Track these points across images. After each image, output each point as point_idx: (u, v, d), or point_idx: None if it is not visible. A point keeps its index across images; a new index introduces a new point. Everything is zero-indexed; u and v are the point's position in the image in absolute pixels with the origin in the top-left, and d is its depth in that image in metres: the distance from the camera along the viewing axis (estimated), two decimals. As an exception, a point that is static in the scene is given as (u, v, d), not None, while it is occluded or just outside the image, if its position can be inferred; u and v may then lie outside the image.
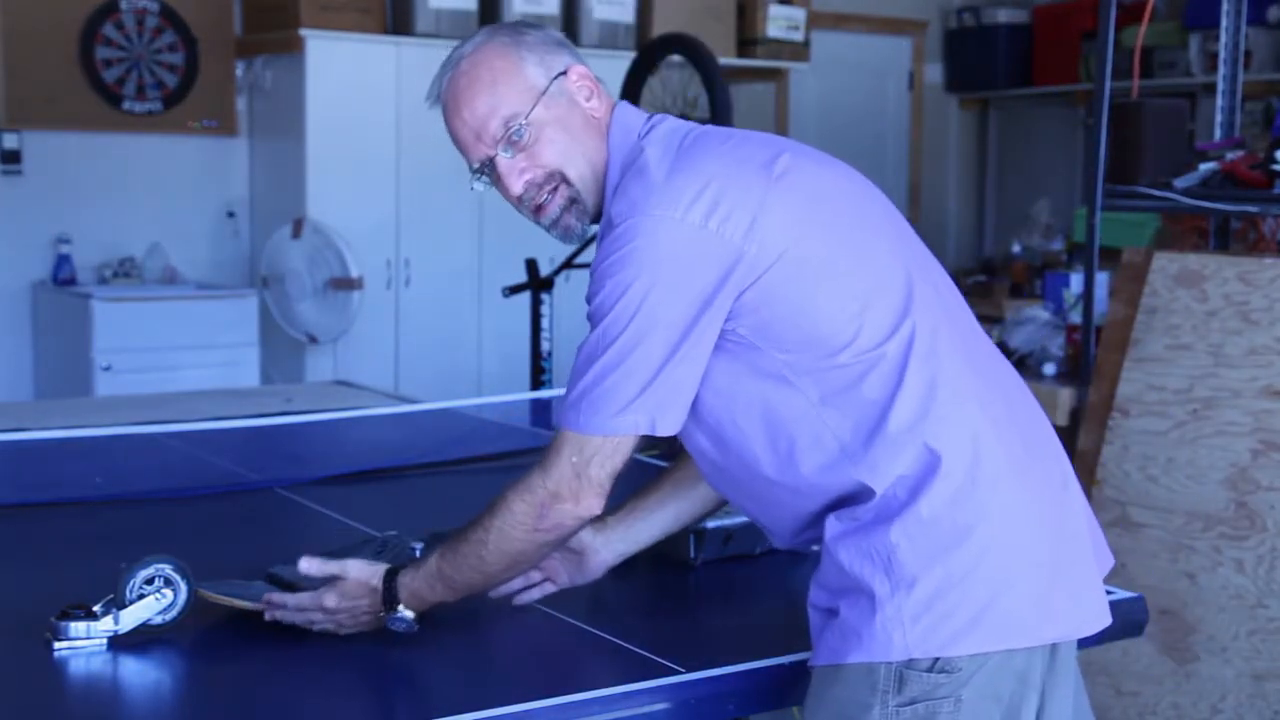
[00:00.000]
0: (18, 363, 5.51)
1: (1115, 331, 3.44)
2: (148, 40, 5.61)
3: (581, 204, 1.68)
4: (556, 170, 1.67)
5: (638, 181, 1.58)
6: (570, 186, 1.67)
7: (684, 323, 1.55)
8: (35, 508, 2.41)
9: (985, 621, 1.53)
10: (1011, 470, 1.59)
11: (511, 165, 1.68)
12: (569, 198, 1.67)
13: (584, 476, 1.60)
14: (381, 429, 3.18)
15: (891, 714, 1.54)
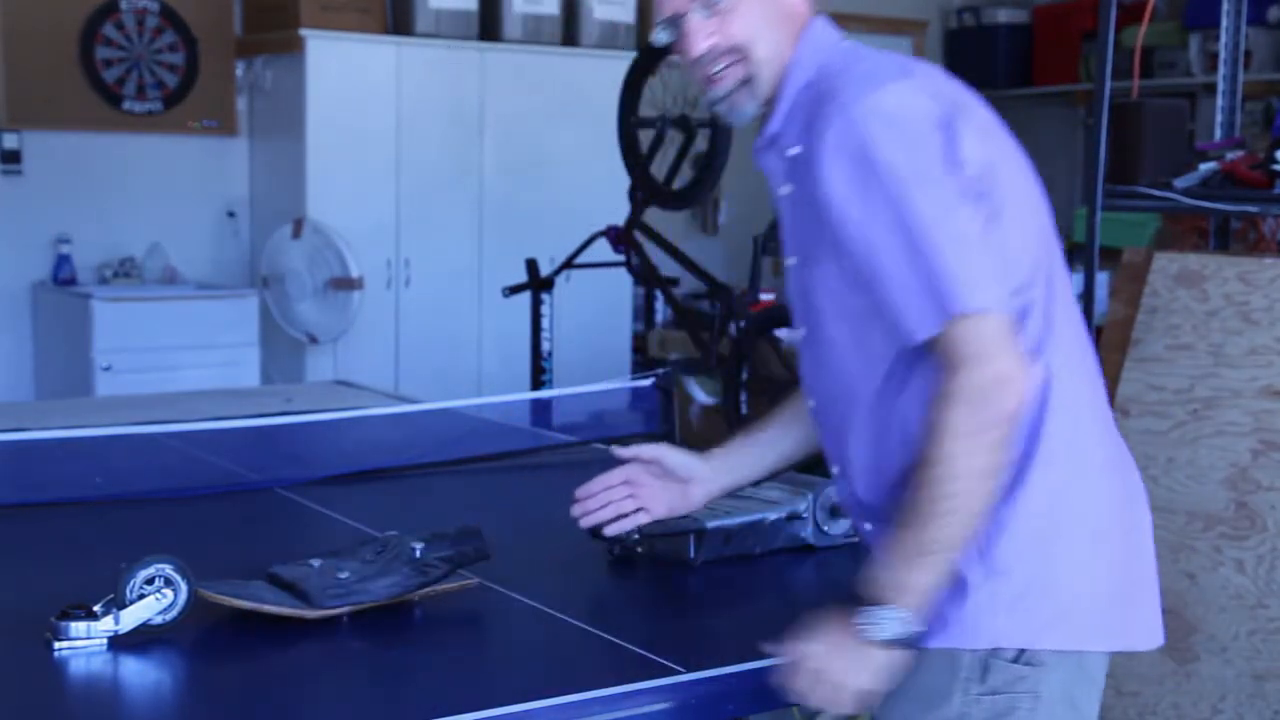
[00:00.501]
0: (18, 363, 5.51)
1: (1115, 331, 3.44)
2: (148, 40, 5.61)
3: (755, 86, 1.61)
4: (743, 45, 1.61)
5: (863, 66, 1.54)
6: (750, 65, 1.61)
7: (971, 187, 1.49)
8: (35, 508, 2.41)
9: (1072, 619, 1.54)
10: (1106, 471, 1.60)
11: (701, 26, 1.62)
12: (745, 76, 1.61)
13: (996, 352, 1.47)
14: (381, 429, 3.18)
15: (972, 702, 1.53)
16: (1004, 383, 1.46)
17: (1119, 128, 3.59)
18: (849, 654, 1.49)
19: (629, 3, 6.07)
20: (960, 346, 1.46)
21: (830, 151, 1.49)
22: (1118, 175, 3.59)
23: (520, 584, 1.95)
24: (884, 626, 1.48)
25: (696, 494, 1.89)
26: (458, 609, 1.85)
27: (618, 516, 1.86)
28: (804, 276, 1.61)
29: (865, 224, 1.48)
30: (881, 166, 1.47)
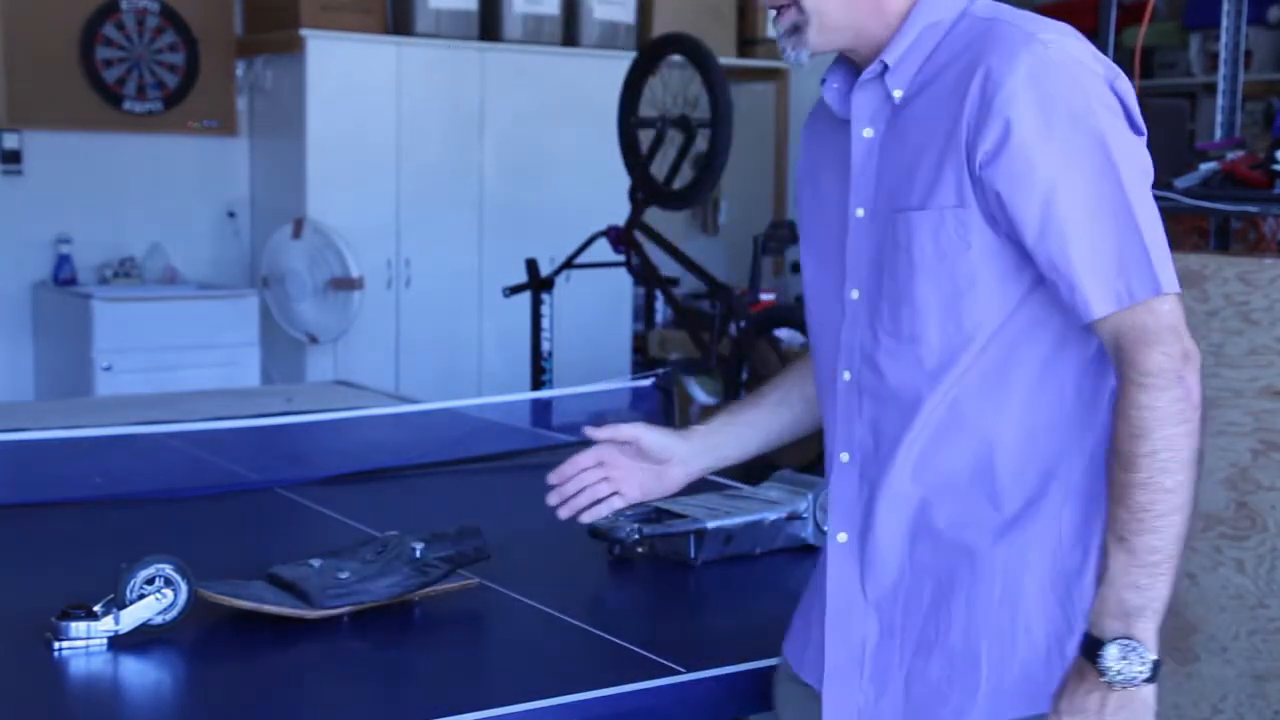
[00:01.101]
0: (18, 363, 5.51)
1: (1115, 331, 3.44)
2: (148, 40, 5.61)
3: (804, 36, 1.48)
4: None
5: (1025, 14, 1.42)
6: (802, 13, 1.47)
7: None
8: (36, 508, 2.41)
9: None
10: None
11: None
12: (794, 24, 1.48)
13: (1183, 332, 1.36)
14: (382, 429, 3.18)
15: None
16: (1195, 361, 1.34)
17: (1119, 128, 3.59)
18: (1106, 713, 1.32)
19: (629, 3, 6.07)
20: (1154, 324, 1.33)
21: (1024, 91, 1.34)
22: (1118, 175, 3.58)
23: (520, 584, 1.95)
24: (1133, 662, 1.31)
25: (675, 475, 1.77)
26: (458, 609, 1.85)
27: (594, 501, 1.77)
28: (883, 229, 1.45)
29: (1059, 183, 1.34)
30: (1088, 124, 1.35)
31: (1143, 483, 1.32)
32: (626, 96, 4.65)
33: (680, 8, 6.20)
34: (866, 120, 1.48)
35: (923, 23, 1.45)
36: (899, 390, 1.44)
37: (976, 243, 1.39)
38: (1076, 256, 1.34)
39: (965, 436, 1.43)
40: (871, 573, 1.47)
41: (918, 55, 1.45)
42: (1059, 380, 1.42)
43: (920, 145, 1.42)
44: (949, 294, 1.40)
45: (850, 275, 1.49)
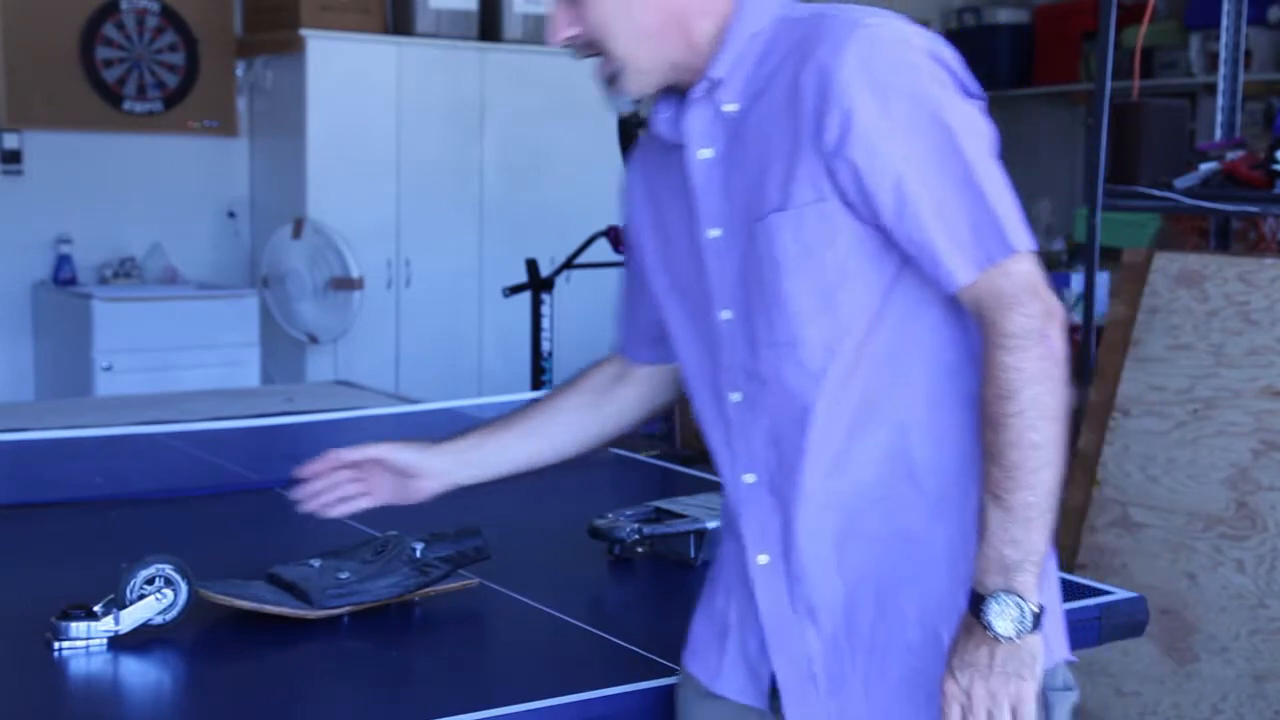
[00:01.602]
0: (18, 363, 5.51)
1: (1116, 331, 3.44)
2: (148, 40, 5.61)
3: (622, 82, 1.48)
4: (599, 40, 1.47)
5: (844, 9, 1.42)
6: (612, 63, 1.48)
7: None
8: (36, 507, 2.41)
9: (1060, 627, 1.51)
10: None
11: (560, 16, 1.49)
12: (610, 74, 1.48)
13: (1043, 290, 1.37)
14: (382, 429, 3.18)
15: None
16: (1057, 316, 1.36)
17: (1119, 128, 3.60)
18: (995, 666, 1.34)
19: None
20: (1010, 286, 1.36)
21: (857, 78, 1.36)
22: (1118, 175, 3.59)
23: (520, 584, 1.95)
24: (1013, 614, 1.33)
25: (427, 487, 1.76)
26: (458, 609, 1.85)
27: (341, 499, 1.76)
28: (744, 242, 1.44)
29: (905, 161, 1.36)
30: (923, 100, 1.37)
31: (1013, 441, 1.34)
32: (626, 96, 4.65)
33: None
34: (703, 140, 1.47)
35: (743, 34, 1.45)
36: (793, 397, 1.43)
37: (841, 233, 1.40)
38: (932, 231, 1.36)
39: (874, 426, 1.43)
40: (801, 587, 1.45)
41: (744, 66, 1.45)
42: (954, 350, 1.43)
43: (766, 151, 1.42)
44: (821, 289, 1.41)
45: (717, 297, 1.48)
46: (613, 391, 1.75)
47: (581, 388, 1.76)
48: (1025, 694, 1.33)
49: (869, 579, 1.44)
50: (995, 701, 1.33)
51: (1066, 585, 2.08)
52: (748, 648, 1.51)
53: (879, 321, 1.42)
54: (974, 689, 1.33)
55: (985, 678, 1.33)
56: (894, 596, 1.43)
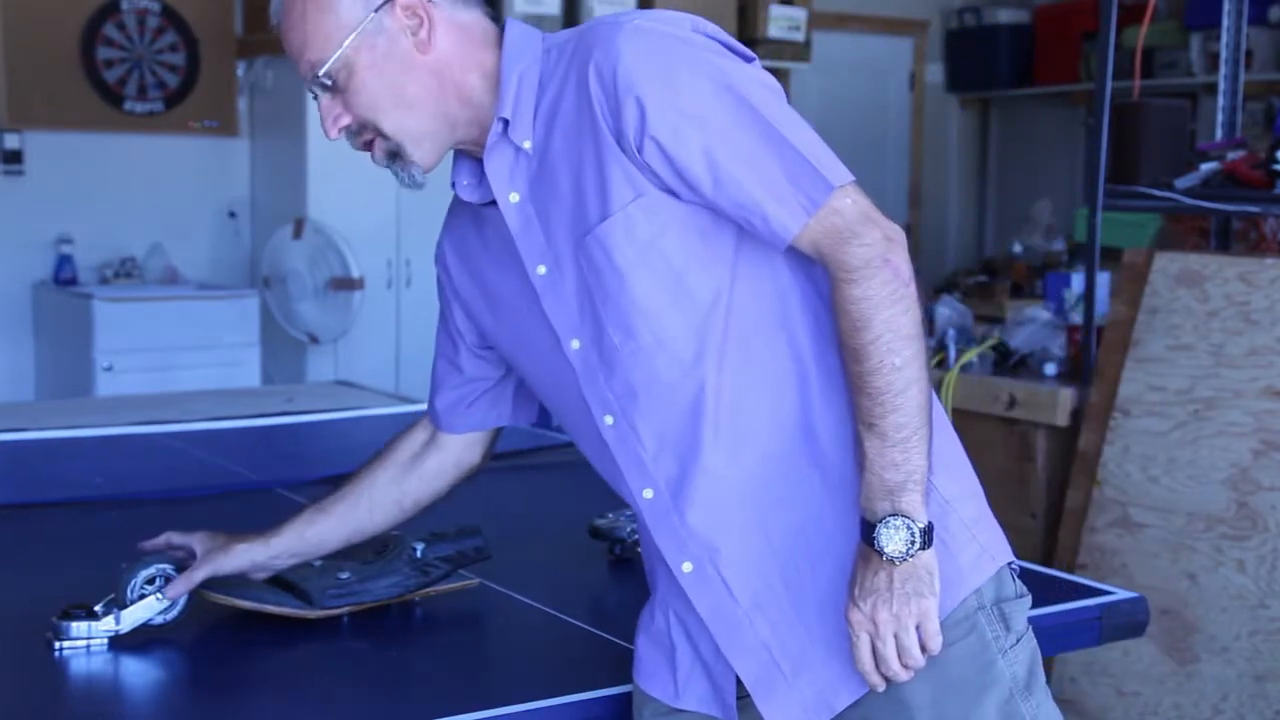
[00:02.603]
0: (19, 363, 5.51)
1: (1116, 332, 3.44)
2: (149, 40, 5.61)
3: (406, 157, 1.50)
4: (370, 121, 1.49)
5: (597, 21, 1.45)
6: (387, 140, 1.49)
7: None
8: (36, 507, 2.41)
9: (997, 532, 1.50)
10: None
11: (328, 108, 1.51)
12: (388, 151, 1.51)
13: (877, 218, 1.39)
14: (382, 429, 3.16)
15: (1012, 659, 1.44)
16: (897, 240, 1.39)
17: (1120, 128, 3.60)
18: (895, 588, 1.36)
19: (630, 3, 6.07)
20: (842, 221, 1.37)
21: (638, 67, 1.38)
22: (1119, 175, 3.59)
23: (521, 584, 1.95)
24: (902, 534, 1.35)
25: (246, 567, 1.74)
26: (458, 609, 1.85)
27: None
28: (575, 266, 1.45)
29: (707, 132, 1.37)
30: (705, 70, 1.39)
31: (875, 369, 1.36)
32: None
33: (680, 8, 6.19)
34: (510, 186, 1.48)
35: (514, 74, 1.47)
36: (674, 394, 1.43)
37: (669, 220, 1.41)
38: (752, 190, 1.38)
39: (763, 395, 1.43)
40: (739, 581, 1.45)
41: (527, 100, 1.46)
42: (825, 307, 1.44)
43: (574, 173, 1.43)
44: (670, 280, 1.42)
45: (562, 330, 1.48)
46: (422, 460, 1.75)
47: (390, 462, 1.76)
48: (929, 610, 1.36)
49: (799, 545, 1.44)
50: (900, 623, 1.36)
51: (1067, 585, 2.09)
52: (702, 656, 1.50)
53: (734, 292, 1.43)
54: (878, 614, 1.36)
55: (887, 602, 1.36)
56: (827, 553, 1.43)
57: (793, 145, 1.38)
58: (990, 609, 1.44)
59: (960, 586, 1.43)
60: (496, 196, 1.49)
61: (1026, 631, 1.47)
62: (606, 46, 1.40)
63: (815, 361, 1.44)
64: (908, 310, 1.37)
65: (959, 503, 1.45)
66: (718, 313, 1.42)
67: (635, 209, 1.40)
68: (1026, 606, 1.49)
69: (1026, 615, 1.48)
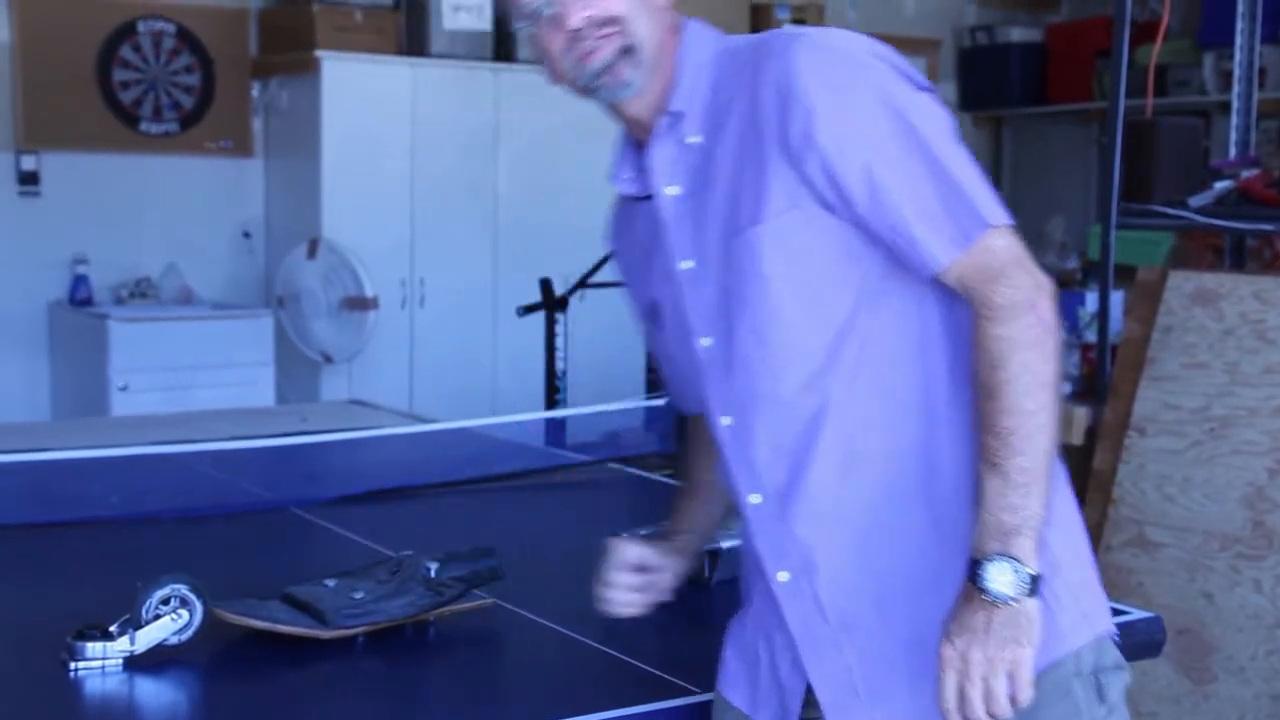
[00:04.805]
0: (35, 383, 5.52)
1: (1131, 350, 3.43)
2: (164, 62, 5.64)
3: (637, 56, 1.49)
4: (621, 17, 1.49)
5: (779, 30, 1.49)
6: (628, 36, 1.49)
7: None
8: (52, 527, 2.41)
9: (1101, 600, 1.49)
10: None
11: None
12: (624, 46, 1.49)
13: (1028, 264, 1.40)
14: (396, 448, 3.19)
15: None
16: (1046, 289, 1.39)
17: (1133, 146, 3.59)
18: (992, 630, 1.33)
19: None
20: (994, 261, 1.38)
21: (813, 80, 1.39)
22: (1132, 193, 3.58)
23: (535, 604, 1.95)
24: (1009, 577, 1.32)
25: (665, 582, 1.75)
26: (472, 629, 1.85)
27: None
28: (720, 266, 1.46)
29: (872, 151, 1.38)
30: (879, 91, 1.41)
31: (1006, 408, 1.35)
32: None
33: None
34: (669, 178, 1.50)
35: (692, 67, 1.50)
36: (794, 408, 1.44)
37: (820, 235, 1.42)
38: (907, 216, 1.38)
39: (886, 424, 1.43)
40: (832, 600, 1.45)
41: (700, 98, 1.49)
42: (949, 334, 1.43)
43: (735, 176, 1.45)
44: (810, 295, 1.43)
45: (696, 325, 1.50)
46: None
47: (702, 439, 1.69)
48: (1023, 659, 1.33)
49: (899, 576, 1.43)
50: (992, 667, 1.32)
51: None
52: (779, 673, 1.50)
53: (874, 317, 1.43)
54: (971, 654, 1.33)
55: (982, 643, 1.33)
56: (927, 589, 1.42)
57: (954, 178, 1.39)
58: (1088, 676, 1.43)
59: (1058, 645, 1.41)
60: (655, 186, 1.51)
61: (1121, 706, 1.45)
62: (783, 57, 1.41)
63: (948, 400, 1.43)
64: (1047, 358, 1.37)
65: (1068, 566, 1.44)
66: (853, 334, 1.43)
67: (789, 219, 1.41)
68: (1125, 680, 1.47)
69: (1124, 689, 1.46)
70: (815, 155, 1.39)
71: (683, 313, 1.51)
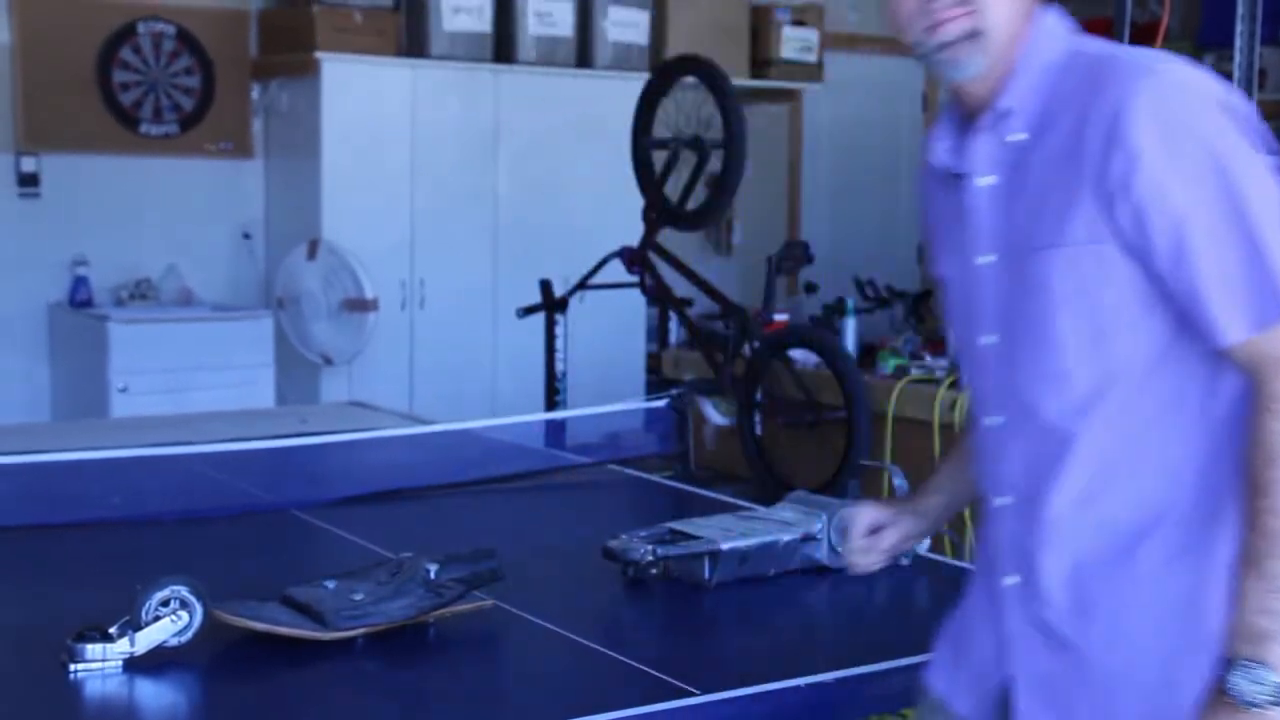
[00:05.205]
0: (35, 384, 5.52)
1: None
2: (164, 63, 5.64)
3: (983, 42, 1.46)
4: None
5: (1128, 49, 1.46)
6: (980, 18, 1.46)
7: None
8: (52, 529, 2.41)
9: None
10: None
11: None
12: (973, 29, 1.46)
13: None
14: (396, 450, 3.19)
15: None
16: None
17: (1133, 148, 3.59)
18: None
19: (643, 24, 6.09)
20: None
21: (1147, 122, 1.36)
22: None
23: (534, 605, 1.95)
24: (1258, 686, 1.32)
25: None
26: (472, 630, 1.85)
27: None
28: (1015, 272, 1.46)
29: (1188, 209, 1.35)
30: (1213, 149, 1.36)
31: (1274, 509, 1.33)
32: (640, 118, 4.65)
33: (694, 29, 6.22)
34: (985, 168, 1.49)
35: (1035, 65, 1.47)
36: (1052, 429, 1.45)
37: (1116, 276, 1.40)
38: (1207, 283, 1.35)
39: (1132, 471, 1.43)
40: (1043, 612, 1.47)
41: (1033, 98, 1.46)
42: (1222, 403, 1.41)
43: (1047, 184, 1.43)
44: (1093, 330, 1.41)
45: (983, 322, 1.51)
46: None
47: None
48: None
49: (1109, 614, 1.44)
50: None
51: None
52: (985, 669, 1.53)
53: (1155, 371, 1.41)
54: None
55: None
56: (1133, 636, 1.43)
57: (1268, 254, 1.35)
58: None
59: None
60: (972, 173, 1.50)
61: None
62: (1126, 88, 1.38)
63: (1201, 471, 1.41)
64: None
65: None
66: (1126, 382, 1.42)
67: (1085, 252, 1.40)
68: None
69: None
70: (1129, 203, 1.36)
71: (972, 304, 1.52)
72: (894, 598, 2.10)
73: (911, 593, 2.12)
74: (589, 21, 5.96)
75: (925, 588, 2.13)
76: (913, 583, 2.14)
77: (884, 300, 5.38)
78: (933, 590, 2.12)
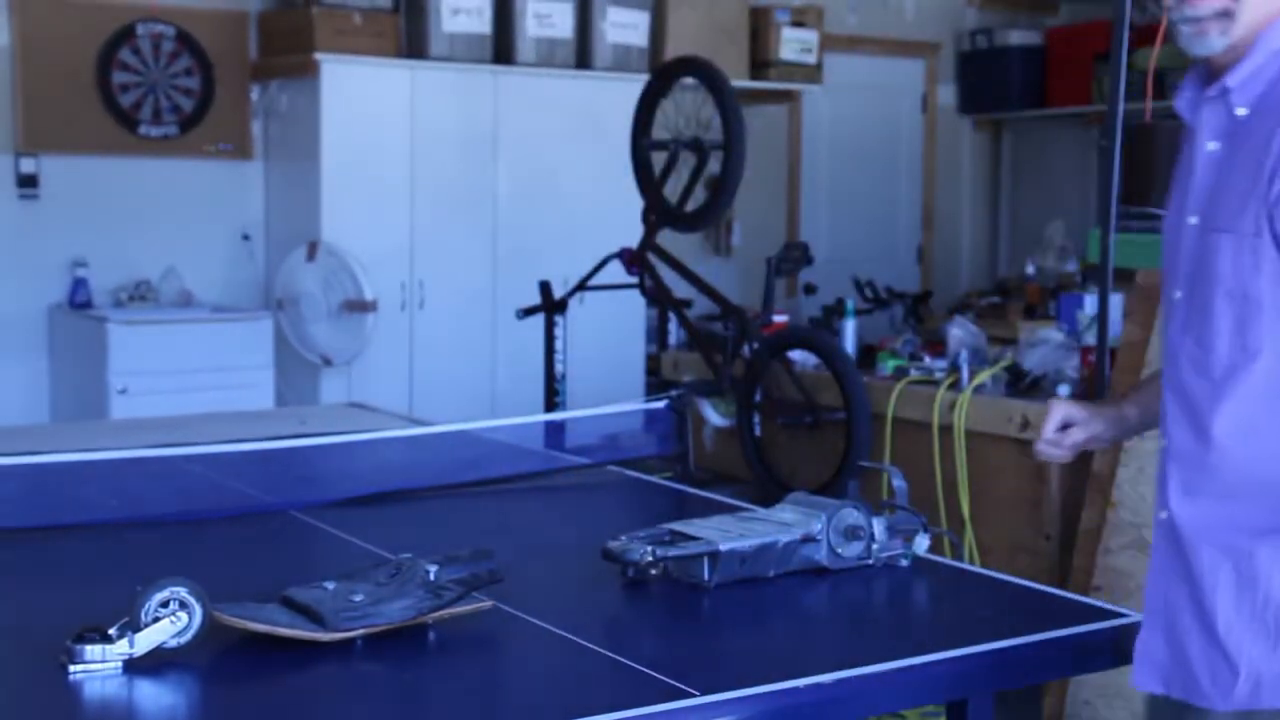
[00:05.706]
0: (34, 385, 5.53)
1: (1129, 353, 3.43)
2: (164, 65, 5.64)
3: (1230, 24, 1.57)
4: None
5: None
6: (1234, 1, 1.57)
7: None
8: (51, 530, 2.41)
9: None
10: None
11: None
12: (1224, 9, 1.57)
13: None
14: (396, 451, 3.19)
15: None
16: None
17: (1133, 149, 3.59)
18: None
19: (642, 26, 6.09)
20: None
21: None
22: (1131, 196, 3.59)
23: (534, 606, 1.95)
24: None
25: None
26: (472, 631, 1.85)
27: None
28: (1204, 241, 1.60)
29: None
30: None
31: None
32: (639, 119, 4.66)
33: (693, 30, 6.22)
34: (1212, 134, 1.60)
35: (1268, 50, 1.56)
36: (1192, 395, 1.62)
37: (1266, 269, 1.53)
38: None
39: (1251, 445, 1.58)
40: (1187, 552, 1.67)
41: (1261, 78, 1.56)
42: None
43: (1243, 168, 1.55)
44: (1238, 312, 1.56)
45: (1175, 277, 1.66)
46: None
47: None
48: None
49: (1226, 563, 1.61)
50: None
51: (1082, 608, 2.08)
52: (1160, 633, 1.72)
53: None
54: None
55: None
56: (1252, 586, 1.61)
57: None
58: None
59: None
60: (1198, 136, 1.63)
61: None
62: None
63: None
64: None
65: None
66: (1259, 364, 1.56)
67: (1247, 243, 1.55)
68: None
69: None
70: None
71: (1173, 258, 1.66)
72: (894, 598, 2.10)
73: (911, 593, 2.12)
74: (588, 23, 5.96)
75: (925, 588, 2.13)
76: (913, 583, 2.13)
77: (883, 301, 5.38)
78: (933, 590, 2.12)
